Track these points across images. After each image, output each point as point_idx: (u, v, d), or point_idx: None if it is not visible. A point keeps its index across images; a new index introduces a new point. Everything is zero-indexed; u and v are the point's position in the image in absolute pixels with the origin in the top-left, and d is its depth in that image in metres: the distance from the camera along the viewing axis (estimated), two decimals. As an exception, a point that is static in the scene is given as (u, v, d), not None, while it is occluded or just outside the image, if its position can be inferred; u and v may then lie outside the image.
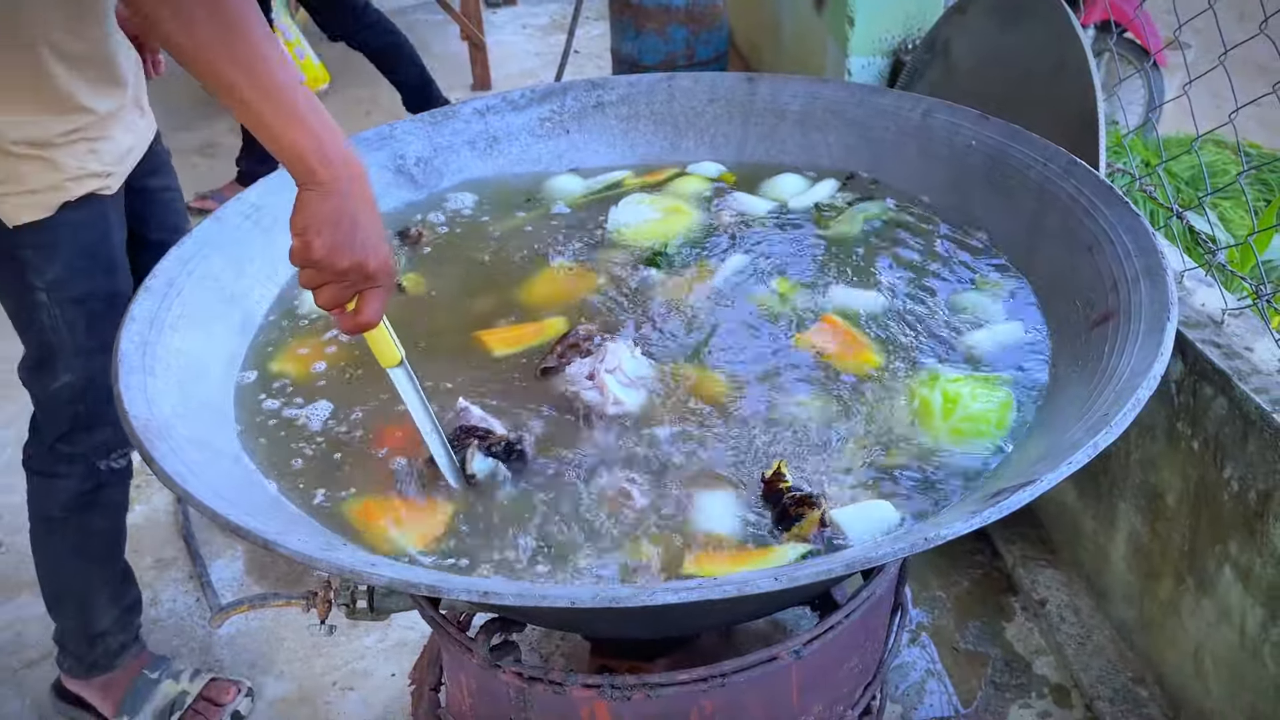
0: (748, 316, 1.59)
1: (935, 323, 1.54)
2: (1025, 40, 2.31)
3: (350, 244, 1.14)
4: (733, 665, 1.32)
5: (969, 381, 1.39)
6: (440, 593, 0.96)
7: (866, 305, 1.58)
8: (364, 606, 1.51)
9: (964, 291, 1.59)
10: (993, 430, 1.31)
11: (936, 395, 1.37)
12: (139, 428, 1.18)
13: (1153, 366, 1.14)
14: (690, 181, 1.95)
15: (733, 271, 1.69)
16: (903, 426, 1.35)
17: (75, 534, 2.02)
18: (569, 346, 1.48)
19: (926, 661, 2.20)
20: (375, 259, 1.16)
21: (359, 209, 1.16)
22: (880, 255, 1.70)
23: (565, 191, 1.94)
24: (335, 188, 1.14)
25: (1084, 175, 1.54)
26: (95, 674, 2.15)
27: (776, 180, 1.92)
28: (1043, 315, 1.51)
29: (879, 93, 1.94)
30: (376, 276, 1.17)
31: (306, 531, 1.20)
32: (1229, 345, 1.77)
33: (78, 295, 1.78)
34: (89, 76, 1.70)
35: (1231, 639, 1.76)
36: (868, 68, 3.02)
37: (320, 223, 1.14)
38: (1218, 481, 1.75)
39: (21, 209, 1.69)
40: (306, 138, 1.14)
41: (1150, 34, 4.01)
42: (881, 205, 1.81)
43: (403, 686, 2.18)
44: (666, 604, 0.92)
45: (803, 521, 1.19)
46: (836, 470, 1.28)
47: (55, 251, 1.73)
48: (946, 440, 1.31)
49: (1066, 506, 2.27)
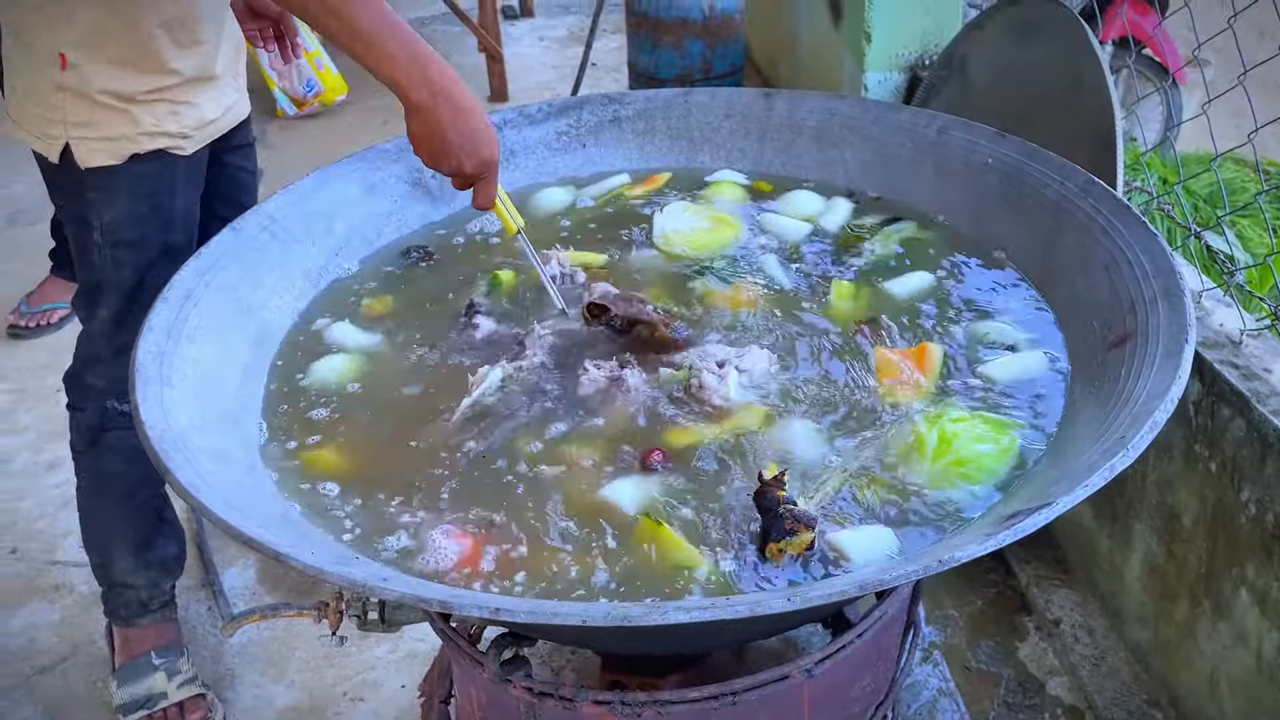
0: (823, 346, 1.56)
1: (953, 348, 1.52)
2: (1043, 57, 2.31)
3: (445, 152, 1.46)
4: (744, 683, 1.32)
5: (975, 421, 1.34)
6: (452, 609, 0.96)
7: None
8: (375, 618, 1.51)
9: (983, 319, 1.57)
10: (982, 477, 1.26)
11: (933, 435, 1.32)
12: (155, 438, 1.18)
13: (1170, 390, 1.13)
14: (726, 189, 1.94)
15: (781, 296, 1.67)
16: (891, 459, 1.32)
17: (91, 470, 2.11)
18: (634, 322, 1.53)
19: (939, 680, 2.18)
20: (470, 162, 1.47)
21: (448, 124, 1.43)
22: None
23: (556, 202, 1.95)
24: (423, 109, 1.42)
25: (1101, 194, 1.53)
26: (117, 622, 2.23)
27: (790, 197, 1.92)
28: (1061, 338, 1.50)
29: (895, 109, 1.93)
30: (474, 175, 1.50)
31: (320, 544, 1.20)
32: (1247, 366, 1.75)
33: (129, 240, 1.89)
34: (181, 41, 1.81)
35: (1248, 663, 1.74)
36: (884, 83, 3.02)
37: (417, 139, 1.47)
38: (1235, 504, 1.74)
39: (94, 153, 1.82)
40: (395, 70, 1.40)
41: (1169, 51, 4.00)
42: (911, 226, 1.80)
43: (413, 698, 2.18)
44: (678, 623, 0.92)
45: (792, 539, 1.16)
46: (811, 493, 1.27)
47: (115, 196, 1.86)
48: (929, 482, 1.27)
49: (1082, 526, 2.26)
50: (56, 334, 3.55)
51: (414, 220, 1.88)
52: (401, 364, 1.57)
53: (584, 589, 1.15)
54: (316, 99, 5.07)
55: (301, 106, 5.07)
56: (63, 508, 2.78)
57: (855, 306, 1.62)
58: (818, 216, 1.86)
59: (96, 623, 2.44)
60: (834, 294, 1.64)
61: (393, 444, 1.40)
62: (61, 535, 2.70)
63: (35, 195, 4.50)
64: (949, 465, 1.28)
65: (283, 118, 5.10)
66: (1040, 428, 1.34)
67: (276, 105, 5.07)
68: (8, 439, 3.06)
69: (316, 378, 1.53)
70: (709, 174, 2.00)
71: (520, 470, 1.32)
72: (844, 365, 1.49)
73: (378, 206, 1.84)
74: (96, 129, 1.79)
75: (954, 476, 1.27)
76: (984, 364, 1.47)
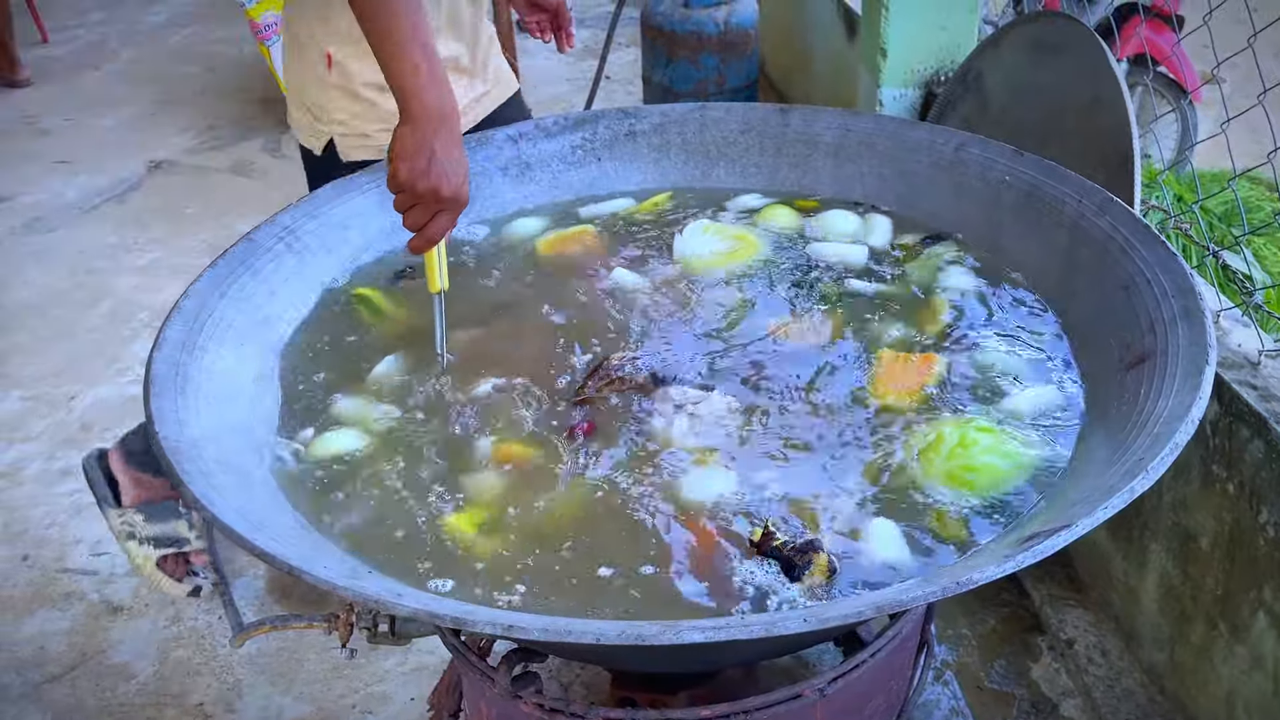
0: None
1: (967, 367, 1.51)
2: (1059, 75, 2.30)
3: (427, 172, 1.46)
4: (757, 702, 1.30)
5: (1000, 434, 1.34)
6: (464, 625, 0.95)
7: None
8: (385, 631, 1.51)
9: (1001, 337, 1.56)
10: (986, 487, 1.27)
11: (954, 434, 1.33)
12: (168, 449, 1.18)
13: (1190, 411, 1.12)
14: (780, 212, 1.91)
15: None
16: (906, 456, 1.33)
17: None
18: (604, 381, 1.47)
19: (951, 700, 2.17)
20: (448, 187, 1.48)
21: (439, 145, 1.46)
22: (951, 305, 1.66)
23: (526, 232, 1.89)
24: (421, 125, 1.47)
25: (1120, 213, 1.52)
26: (132, 463, 2.39)
27: (826, 217, 1.88)
28: (1077, 361, 1.48)
29: (912, 126, 1.93)
30: (446, 202, 1.49)
31: (332, 558, 1.20)
32: (1266, 387, 1.74)
33: None
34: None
35: (1265, 687, 1.72)
36: (900, 99, 3.02)
37: (406, 152, 1.47)
38: (1253, 526, 1.72)
39: (354, 148, 1.96)
40: (410, 81, 1.48)
41: (1186, 69, 3.99)
42: (950, 246, 1.77)
43: (422, 712, 2.17)
44: (691, 642, 0.91)
45: (811, 568, 1.16)
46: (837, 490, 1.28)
47: None
48: (937, 480, 1.29)
49: (1097, 546, 2.24)
50: (70, 343, 3.57)
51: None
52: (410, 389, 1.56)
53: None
54: (332, 110, 5.08)
55: (317, 117, 5.09)
56: (74, 516, 2.78)
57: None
58: (860, 236, 1.83)
59: (106, 631, 2.45)
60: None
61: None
62: (72, 543, 2.70)
63: (53, 205, 4.54)
64: (960, 469, 1.29)
65: (298, 128, 5.11)
66: (1056, 449, 1.33)
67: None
68: (21, 446, 3.07)
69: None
70: (730, 192, 1.99)
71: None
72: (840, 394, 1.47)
73: (394, 219, 1.83)
74: (357, 124, 1.92)
75: (957, 481, 1.28)
76: (1000, 382, 1.46)
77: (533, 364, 1.54)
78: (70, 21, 6.91)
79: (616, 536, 1.24)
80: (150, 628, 2.45)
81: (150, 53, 6.41)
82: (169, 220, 4.39)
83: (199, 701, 2.27)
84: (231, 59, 6.15)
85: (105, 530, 2.71)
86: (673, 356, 1.55)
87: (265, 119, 5.30)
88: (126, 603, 2.53)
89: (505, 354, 1.59)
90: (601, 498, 1.29)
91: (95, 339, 3.59)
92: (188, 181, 4.75)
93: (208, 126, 5.30)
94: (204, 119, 5.39)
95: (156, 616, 2.48)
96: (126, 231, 4.32)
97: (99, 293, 3.88)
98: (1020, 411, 1.39)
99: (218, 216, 4.34)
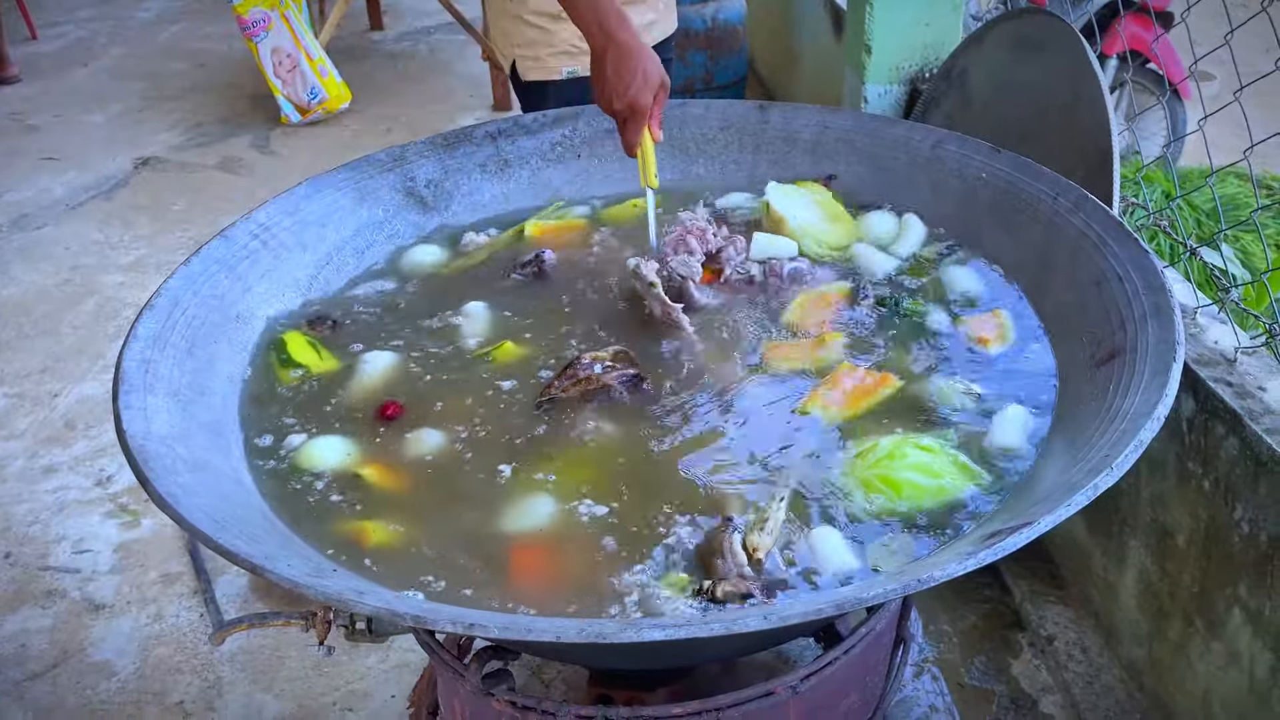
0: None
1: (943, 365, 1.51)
2: (1042, 72, 2.30)
3: (603, 90, 1.70)
4: (728, 699, 1.31)
5: (942, 455, 1.31)
6: (426, 623, 0.95)
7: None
8: (363, 628, 1.50)
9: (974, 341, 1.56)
10: (896, 503, 1.25)
11: (886, 443, 1.32)
12: (134, 447, 1.18)
13: (1156, 408, 1.12)
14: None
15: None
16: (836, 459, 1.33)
17: None
18: (574, 381, 1.47)
19: (931, 697, 2.17)
20: (619, 101, 1.69)
21: (610, 65, 1.68)
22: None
23: (423, 262, 1.82)
24: (601, 54, 1.69)
25: (1093, 210, 1.52)
26: None
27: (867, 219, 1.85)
28: (1052, 354, 1.48)
29: (890, 123, 1.93)
30: (622, 114, 1.71)
31: (301, 555, 1.19)
32: (1241, 384, 1.74)
33: None
34: None
35: (1240, 683, 1.73)
36: (884, 96, 3.02)
37: (595, 79, 1.71)
38: (1228, 523, 1.72)
39: (530, 69, 2.29)
40: (589, 20, 1.70)
41: (1172, 64, 3.99)
42: (964, 253, 1.76)
43: (403, 709, 2.17)
44: (652, 640, 0.91)
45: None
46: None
47: (545, 105, 2.19)
48: (854, 483, 1.29)
49: (1077, 542, 2.25)
50: (54, 341, 3.56)
51: (406, 230, 1.88)
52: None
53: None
54: (320, 106, 5.08)
55: (305, 114, 5.08)
56: (57, 513, 2.78)
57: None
58: (892, 243, 1.80)
59: (88, 629, 2.44)
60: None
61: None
62: (55, 541, 2.69)
63: (40, 201, 4.53)
64: (877, 479, 1.28)
65: (287, 125, 5.11)
66: (987, 488, 1.29)
67: (280, 112, 5.08)
68: (4, 444, 3.06)
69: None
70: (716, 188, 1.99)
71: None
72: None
73: (370, 215, 1.84)
74: (530, 48, 2.19)
75: (871, 489, 1.28)
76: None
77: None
78: (59, 18, 6.89)
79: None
80: (132, 626, 2.45)
81: (139, 49, 6.39)
82: (156, 217, 4.38)
83: (179, 700, 2.26)
84: (220, 55, 6.14)
85: (88, 528, 2.71)
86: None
87: (253, 116, 5.28)
88: (108, 601, 2.52)
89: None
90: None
91: (80, 336, 3.58)
92: (175, 178, 4.74)
93: (196, 123, 5.29)
94: (192, 116, 5.38)
95: (138, 615, 2.48)
96: (113, 229, 4.30)
97: (84, 290, 3.87)
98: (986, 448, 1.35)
99: (205, 214, 4.33)
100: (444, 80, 5.70)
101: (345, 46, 5.89)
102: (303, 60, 4.99)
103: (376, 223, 1.85)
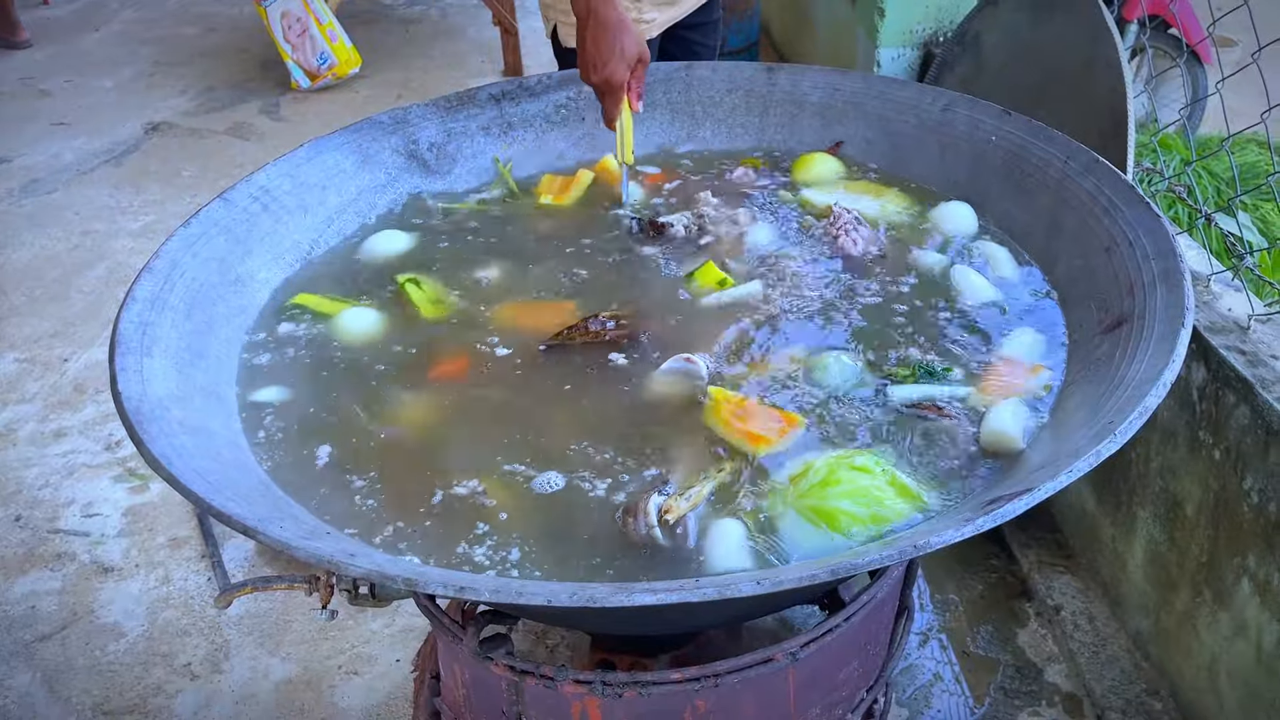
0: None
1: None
2: (1057, 35, 2.26)
3: (583, 62, 1.72)
4: (727, 666, 1.30)
5: (884, 475, 1.22)
6: (416, 586, 0.94)
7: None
8: (365, 593, 1.50)
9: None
10: (828, 531, 1.17)
11: (823, 467, 1.23)
12: (130, 409, 1.17)
13: (1163, 374, 1.10)
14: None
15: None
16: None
17: None
18: (588, 337, 1.47)
19: (936, 665, 2.17)
20: (595, 75, 1.71)
21: (590, 38, 1.69)
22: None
23: (385, 250, 1.74)
24: (582, 25, 1.70)
25: (1105, 173, 1.49)
26: None
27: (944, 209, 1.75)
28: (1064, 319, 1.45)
29: (899, 85, 1.90)
30: (599, 87, 1.73)
31: (295, 518, 1.19)
32: (1254, 352, 1.71)
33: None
34: None
35: (1248, 654, 1.71)
36: (898, 59, 2.98)
37: (579, 49, 1.72)
38: (1238, 492, 1.70)
39: (567, 36, 2.21)
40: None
41: (1193, 26, 3.92)
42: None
43: (407, 673, 2.18)
44: (643, 604, 0.90)
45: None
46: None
47: None
48: (788, 511, 1.21)
49: (1085, 511, 2.23)
50: (64, 306, 3.56)
51: (407, 193, 1.86)
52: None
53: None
54: (330, 72, 5.05)
55: (315, 79, 5.05)
56: (67, 477, 2.79)
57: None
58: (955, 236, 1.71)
59: (97, 592, 2.46)
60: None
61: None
62: (64, 504, 2.71)
63: (51, 166, 4.52)
64: (808, 507, 1.20)
65: (296, 90, 5.08)
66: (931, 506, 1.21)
67: (291, 78, 5.05)
68: (15, 408, 3.07)
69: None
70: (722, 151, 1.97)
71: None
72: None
73: (372, 179, 1.82)
74: (572, 15, 1.99)
75: (804, 517, 1.20)
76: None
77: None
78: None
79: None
80: (140, 588, 2.46)
81: (149, 14, 6.35)
82: (166, 183, 4.37)
83: (187, 662, 2.28)
84: (230, 20, 6.10)
85: (97, 492, 2.72)
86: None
87: (263, 81, 5.26)
88: (117, 564, 2.53)
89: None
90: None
91: (90, 301, 3.59)
92: (185, 144, 4.73)
93: (206, 88, 5.26)
94: (202, 81, 5.35)
95: (146, 577, 2.49)
96: (123, 194, 4.30)
97: (94, 255, 3.87)
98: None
99: (215, 179, 4.31)
100: (455, 45, 5.65)
101: (355, 11, 5.84)
102: (312, 25, 4.95)
103: (378, 186, 1.83)
